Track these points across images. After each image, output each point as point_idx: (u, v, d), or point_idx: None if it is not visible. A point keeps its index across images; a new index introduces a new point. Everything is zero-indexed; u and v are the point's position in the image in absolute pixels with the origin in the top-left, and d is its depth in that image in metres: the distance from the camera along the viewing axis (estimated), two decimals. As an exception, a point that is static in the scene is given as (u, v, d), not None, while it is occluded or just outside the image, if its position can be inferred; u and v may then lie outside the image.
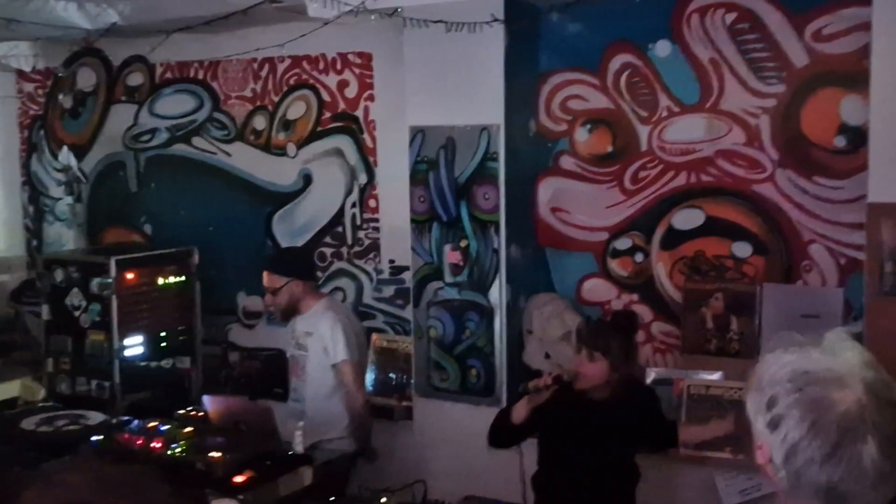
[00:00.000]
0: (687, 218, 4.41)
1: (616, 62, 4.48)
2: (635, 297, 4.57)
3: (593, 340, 3.59)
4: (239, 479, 3.38)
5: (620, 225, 4.57)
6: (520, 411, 3.57)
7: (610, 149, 4.57)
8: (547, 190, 4.73)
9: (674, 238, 4.45)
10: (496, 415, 3.76)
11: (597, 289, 4.66)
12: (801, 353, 1.54)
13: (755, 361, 1.61)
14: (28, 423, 4.13)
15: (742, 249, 4.31)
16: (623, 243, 4.58)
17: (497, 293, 4.49)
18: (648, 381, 4.26)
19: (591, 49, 4.53)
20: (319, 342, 4.27)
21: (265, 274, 4.39)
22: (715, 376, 4.20)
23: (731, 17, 4.22)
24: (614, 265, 4.62)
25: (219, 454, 3.54)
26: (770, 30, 4.15)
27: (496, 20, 4.23)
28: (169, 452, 3.62)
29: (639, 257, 4.56)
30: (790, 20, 4.11)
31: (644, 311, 4.54)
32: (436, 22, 4.12)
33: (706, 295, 4.32)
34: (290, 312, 4.39)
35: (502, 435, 3.73)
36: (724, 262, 4.35)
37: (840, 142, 4.07)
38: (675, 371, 4.32)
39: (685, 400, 4.20)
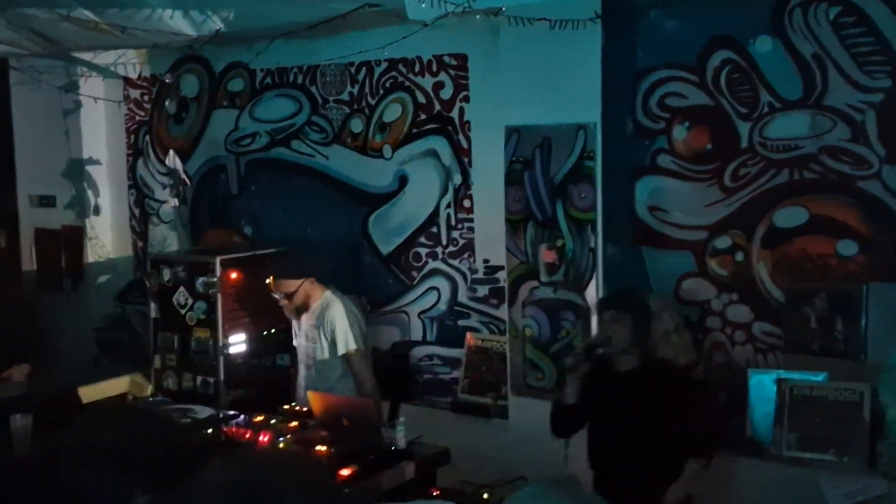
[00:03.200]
0: (789, 216, 4.32)
1: (716, 58, 4.42)
2: (735, 296, 4.49)
3: (611, 301, 3.86)
4: (344, 472, 3.46)
5: (720, 223, 4.50)
6: (568, 390, 3.76)
7: (709, 146, 4.51)
8: (644, 188, 4.69)
9: (775, 236, 4.36)
10: (552, 405, 3.87)
11: (695, 288, 4.60)
12: None
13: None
14: (140, 416, 4.31)
15: (847, 248, 4.20)
16: (722, 242, 4.51)
17: (593, 292, 4.48)
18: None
19: (689, 45, 4.48)
20: (327, 333, 4.63)
21: (274, 282, 4.71)
22: (819, 377, 4.12)
23: (834, 10, 4.13)
24: (713, 264, 4.55)
25: (324, 448, 3.63)
26: (876, 23, 4.05)
27: (598, 16, 4.22)
28: (275, 446, 3.73)
29: (739, 256, 4.48)
30: (897, 13, 4.01)
31: (744, 311, 4.47)
32: (539, 20, 4.12)
33: (810, 294, 4.23)
34: (302, 309, 4.74)
35: (560, 421, 3.83)
36: (829, 260, 4.25)
37: (950, 136, 3.95)
38: (776, 371, 4.24)
39: (787, 401, 4.13)
